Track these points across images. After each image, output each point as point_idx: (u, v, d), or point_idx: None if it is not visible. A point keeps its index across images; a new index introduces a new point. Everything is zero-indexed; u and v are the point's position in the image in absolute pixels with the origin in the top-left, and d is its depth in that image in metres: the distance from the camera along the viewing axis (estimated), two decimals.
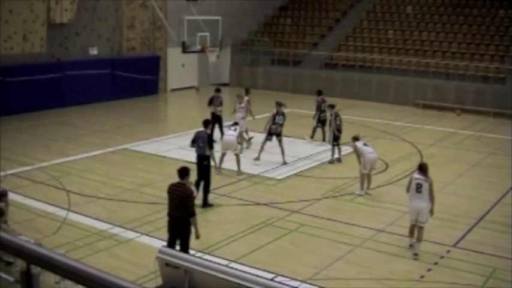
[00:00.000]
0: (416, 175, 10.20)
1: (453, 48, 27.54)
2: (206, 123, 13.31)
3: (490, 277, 9.52)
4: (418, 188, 10.06)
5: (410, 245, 10.43)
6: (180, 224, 9.09)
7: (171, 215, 9.26)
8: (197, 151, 12.74)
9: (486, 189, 14.30)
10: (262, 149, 16.12)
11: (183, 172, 9.22)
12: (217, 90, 18.43)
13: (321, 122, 18.50)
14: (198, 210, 12.18)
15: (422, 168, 10.26)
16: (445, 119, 23.66)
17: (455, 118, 23.82)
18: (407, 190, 10.35)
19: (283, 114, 16.07)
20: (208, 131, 13.29)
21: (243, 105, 17.57)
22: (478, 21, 28.50)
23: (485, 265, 9.95)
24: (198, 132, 13.12)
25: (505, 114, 23.58)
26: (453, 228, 11.69)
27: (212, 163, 13.10)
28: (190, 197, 9.07)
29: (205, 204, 12.60)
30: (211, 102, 18.15)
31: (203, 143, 12.60)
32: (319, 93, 19.16)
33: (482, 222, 12.05)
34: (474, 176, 15.47)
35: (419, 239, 10.20)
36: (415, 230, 10.31)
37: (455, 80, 26.06)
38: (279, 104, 16.30)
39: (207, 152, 12.64)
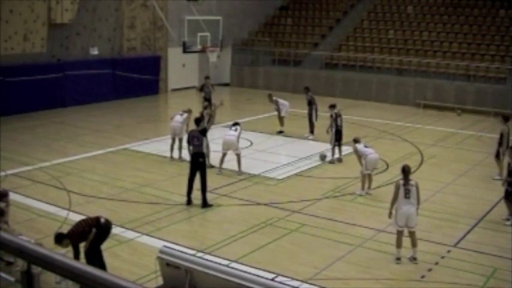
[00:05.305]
0: (403, 180, 9.93)
1: (454, 48, 27.52)
2: (198, 121, 13.42)
3: (490, 277, 9.51)
4: (407, 193, 9.84)
5: (398, 258, 9.94)
6: None
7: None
8: (193, 150, 12.67)
9: (486, 189, 14.28)
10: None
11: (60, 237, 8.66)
12: (207, 78, 21.60)
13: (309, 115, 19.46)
14: (198, 210, 12.30)
15: (407, 172, 10.00)
16: (446, 119, 23.64)
17: (455, 118, 23.79)
18: (396, 198, 9.92)
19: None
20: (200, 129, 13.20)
21: None
22: (479, 21, 28.48)
23: (486, 265, 9.94)
24: (191, 131, 13.28)
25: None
26: (454, 228, 11.69)
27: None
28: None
29: (205, 204, 12.52)
30: (202, 88, 21.07)
31: (198, 140, 12.65)
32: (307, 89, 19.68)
33: (483, 222, 12.04)
34: (474, 176, 15.44)
35: (414, 244, 10.01)
36: (403, 237, 10.00)
37: (455, 80, 26.04)
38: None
39: (203, 149, 12.76)
